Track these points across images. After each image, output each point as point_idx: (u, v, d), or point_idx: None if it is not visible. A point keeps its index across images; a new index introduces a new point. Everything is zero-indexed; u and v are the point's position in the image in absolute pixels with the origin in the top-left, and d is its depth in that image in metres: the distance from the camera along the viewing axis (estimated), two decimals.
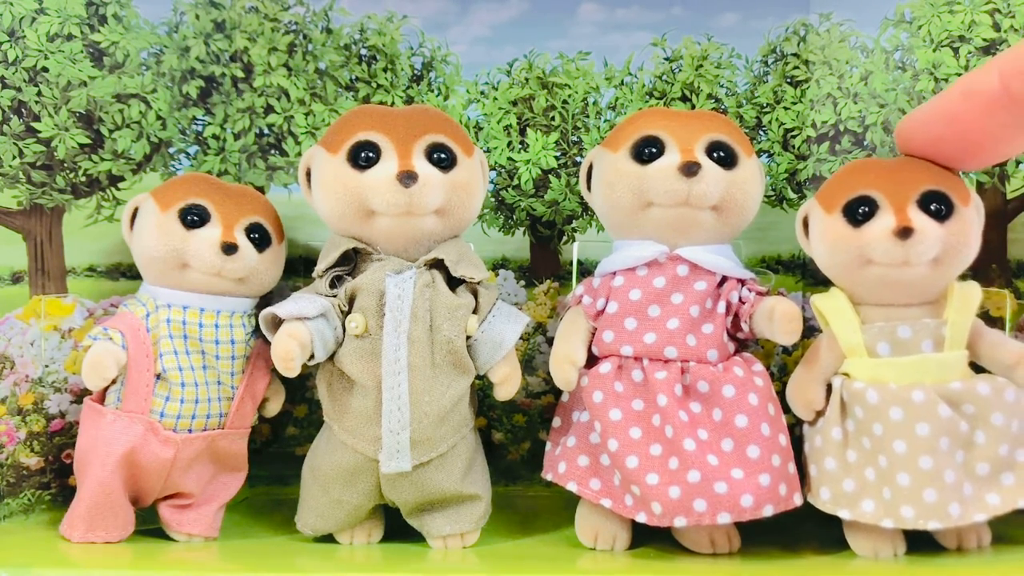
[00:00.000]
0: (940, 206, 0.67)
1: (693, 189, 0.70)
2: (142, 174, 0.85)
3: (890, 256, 0.67)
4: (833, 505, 0.69)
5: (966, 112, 0.65)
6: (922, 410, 0.66)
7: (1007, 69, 0.62)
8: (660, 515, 0.68)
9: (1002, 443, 0.68)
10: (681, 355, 0.71)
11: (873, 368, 0.69)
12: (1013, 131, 0.64)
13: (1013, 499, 0.67)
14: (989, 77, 0.62)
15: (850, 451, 0.69)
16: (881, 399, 0.67)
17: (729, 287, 0.72)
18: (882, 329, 0.69)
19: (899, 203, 0.67)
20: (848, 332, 0.69)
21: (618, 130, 0.75)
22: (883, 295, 0.69)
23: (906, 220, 0.66)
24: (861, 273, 0.68)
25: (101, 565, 0.68)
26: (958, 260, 0.68)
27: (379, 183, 0.69)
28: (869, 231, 0.67)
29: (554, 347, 0.74)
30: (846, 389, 0.69)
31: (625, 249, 0.73)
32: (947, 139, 0.67)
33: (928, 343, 0.68)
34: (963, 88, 0.64)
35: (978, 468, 0.67)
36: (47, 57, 0.81)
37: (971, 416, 0.68)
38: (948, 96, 0.66)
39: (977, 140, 0.66)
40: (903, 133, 0.70)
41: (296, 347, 0.68)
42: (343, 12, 0.87)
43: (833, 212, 0.69)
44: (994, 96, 0.62)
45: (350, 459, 0.71)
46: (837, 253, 0.69)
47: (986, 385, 0.68)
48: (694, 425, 0.69)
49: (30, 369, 0.80)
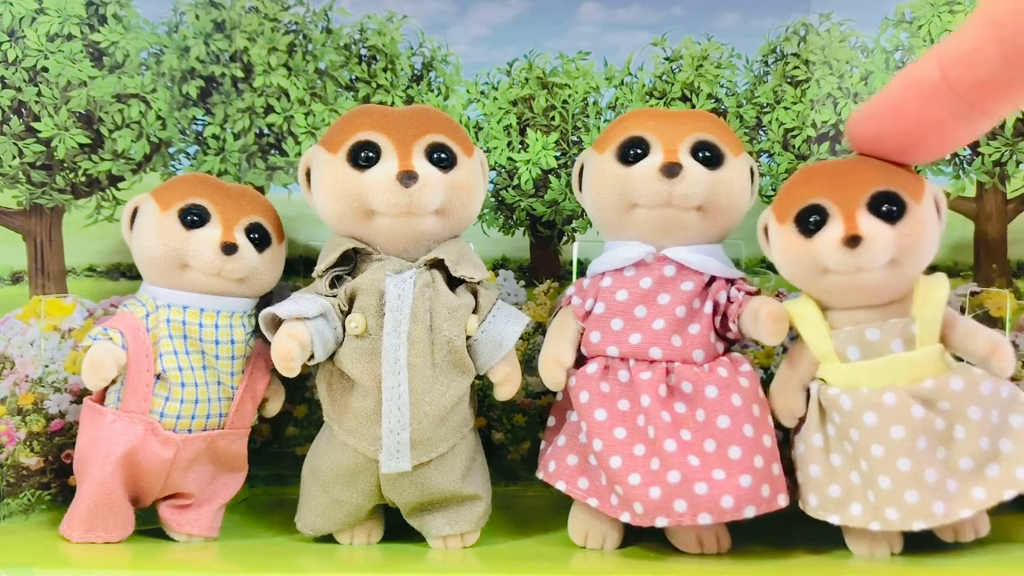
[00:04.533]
0: (892, 207, 0.66)
1: (675, 190, 0.70)
2: (142, 174, 0.85)
3: (842, 265, 0.66)
4: (822, 511, 0.69)
5: (908, 104, 0.63)
6: (895, 413, 0.66)
7: (944, 58, 0.61)
8: (642, 515, 0.68)
9: (982, 436, 0.67)
10: (666, 356, 0.71)
11: (846, 373, 0.68)
12: (955, 120, 0.62)
13: (999, 491, 0.67)
14: (928, 67, 0.61)
15: (834, 456, 0.69)
16: (854, 404, 0.67)
17: (717, 287, 0.72)
18: (850, 333, 0.68)
19: (848, 210, 0.66)
20: (817, 339, 0.69)
21: (607, 131, 0.75)
22: (847, 300, 0.68)
23: (854, 228, 0.65)
24: (820, 281, 0.68)
25: (101, 565, 0.68)
26: (916, 258, 0.67)
27: (379, 183, 0.69)
28: (820, 240, 0.67)
29: (543, 348, 0.74)
30: (823, 395, 0.69)
31: (613, 250, 0.74)
32: (892, 133, 0.66)
33: (898, 342, 0.68)
34: (904, 80, 0.63)
35: (961, 463, 0.67)
36: (47, 57, 0.81)
37: (947, 412, 0.67)
38: (890, 90, 0.65)
39: (921, 132, 0.65)
40: (851, 129, 0.69)
41: (296, 347, 0.68)
42: (343, 12, 0.87)
43: (786, 223, 0.69)
44: (934, 86, 0.61)
45: (350, 459, 0.71)
46: (794, 263, 0.69)
47: (959, 380, 0.67)
48: (677, 426, 0.69)
49: (30, 369, 0.80)
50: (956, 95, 0.61)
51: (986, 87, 0.60)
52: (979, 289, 0.85)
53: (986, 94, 0.60)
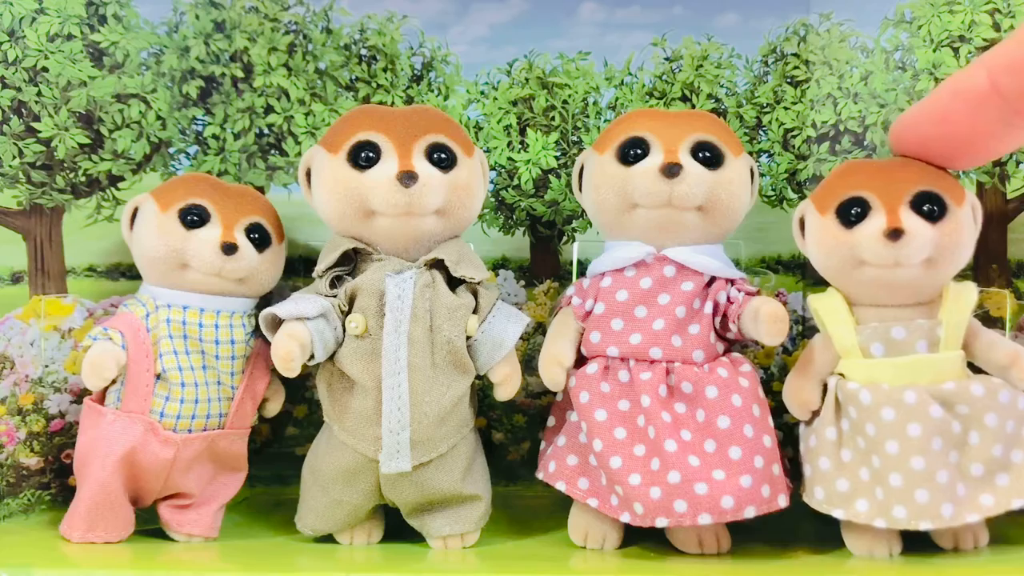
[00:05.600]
0: (933, 207, 0.67)
1: (675, 190, 0.70)
2: (142, 174, 0.85)
3: (881, 257, 0.67)
4: (827, 505, 0.69)
5: (956, 111, 0.64)
6: (914, 411, 0.66)
7: (994, 66, 0.61)
8: (642, 515, 0.68)
9: (996, 444, 0.67)
10: (666, 356, 0.71)
11: (867, 369, 0.69)
12: (1003, 128, 0.63)
13: (1007, 500, 0.67)
14: (977, 75, 0.62)
15: (844, 451, 0.69)
16: (874, 399, 0.67)
17: (717, 287, 0.72)
18: (876, 330, 0.68)
19: (891, 204, 0.67)
20: (843, 333, 0.69)
21: (607, 132, 0.75)
22: (877, 296, 0.69)
23: (896, 221, 0.66)
24: (854, 274, 0.68)
25: (101, 565, 0.68)
26: (952, 261, 0.68)
27: (379, 183, 0.69)
28: (860, 232, 0.67)
29: (543, 348, 0.74)
30: (841, 389, 0.69)
31: (613, 250, 0.74)
32: (938, 139, 0.67)
33: (923, 344, 0.68)
34: (952, 87, 0.64)
35: (972, 469, 0.67)
36: (47, 57, 0.81)
37: (965, 417, 0.67)
38: (938, 96, 0.66)
39: (968, 139, 0.66)
40: (896, 134, 0.70)
41: (296, 347, 0.68)
42: (343, 12, 0.87)
43: (827, 213, 0.69)
44: (983, 94, 0.62)
45: (350, 459, 0.71)
46: (831, 254, 0.69)
47: (980, 386, 0.68)
48: (677, 426, 0.69)
49: (30, 369, 0.80)
50: (1005, 103, 0.61)
51: None
52: (979, 289, 0.85)
53: None
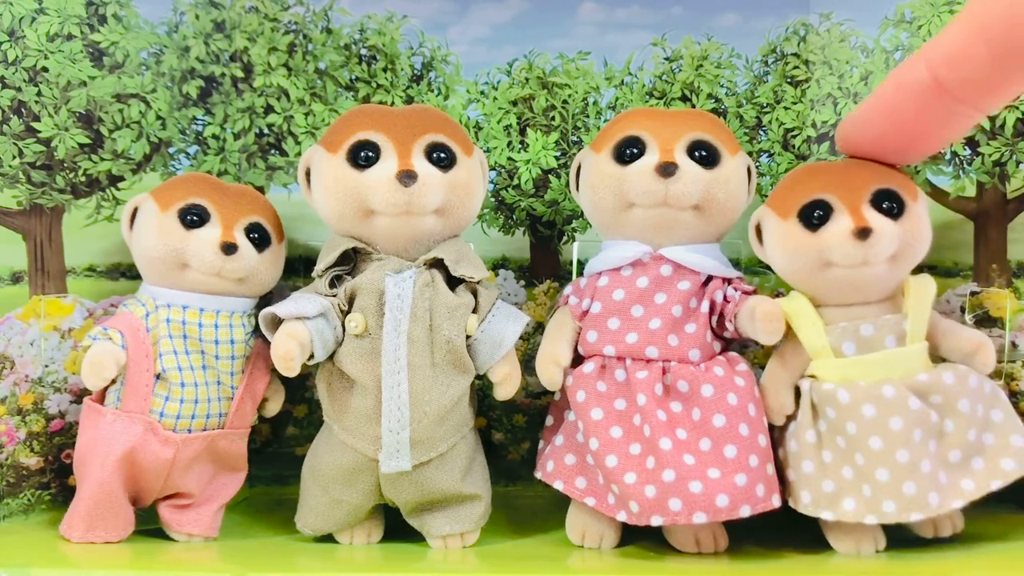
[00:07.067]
0: (892, 204, 0.68)
1: (670, 189, 0.70)
2: (142, 174, 0.85)
3: (850, 257, 0.67)
4: (815, 507, 0.69)
5: (901, 105, 0.65)
6: (894, 404, 0.67)
7: (932, 58, 0.62)
8: (638, 514, 0.68)
9: (970, 429, 0.69)
10: (663, 355, 0.71)
11: (841, 368, 0.69)
12: (949, 116, 0.64)
13: (986, 483, 0.68)
14: (917, 68, 0.63)
15: (825, 452, 0.69)
16: (852, 398, 0.68)
17: (714, 286, 0.72)
18: (845, 329, 0.69)
19: (853, 204, 0.68)
20: (814, 335, 0.70)
21: (604, 131, 0.75)
22: (844, 295, 0.69)
23: (863, 220, 0.67)
24: (821, 276, 0.69)
25: (101, 565, 0.68)
26: (913, 255, 0.69)
27: (379, 183, 0.69)
28: (827, 234, 0.68)
29: (541, 347, 0.74)
30: (815, 391, 0.70)
31: (610, 249, 0.74)
32: (887, 135, 0.68)
33: (891, 338, 0.69)
34: (895, 82, 0.65)
35: (950, 456, 0.69)
36: (47, 57, 0.81)
37: (939, 406, 0.69)
38: (882, 92, 0.66)
39: (916, 131, 0.66)
40: (844, 135, 0.71)
41: (296, 347, 0.68)
42: (343, 12, 0.88)
43: (788, 217, 0.69)
44: (925, 86, 0.62)
45: (350, 459, 0.71)
46: (796, 258, 0.69)
47: (950, 374, 0.69)
48: (672, 425, 0.69)
49: (30, 369, 0.80)
50: (947, 94, 0.62)
51: (976, 85, 0.61)
52: (979, 289, 0.85)
53: (977, 91, 0.62)
